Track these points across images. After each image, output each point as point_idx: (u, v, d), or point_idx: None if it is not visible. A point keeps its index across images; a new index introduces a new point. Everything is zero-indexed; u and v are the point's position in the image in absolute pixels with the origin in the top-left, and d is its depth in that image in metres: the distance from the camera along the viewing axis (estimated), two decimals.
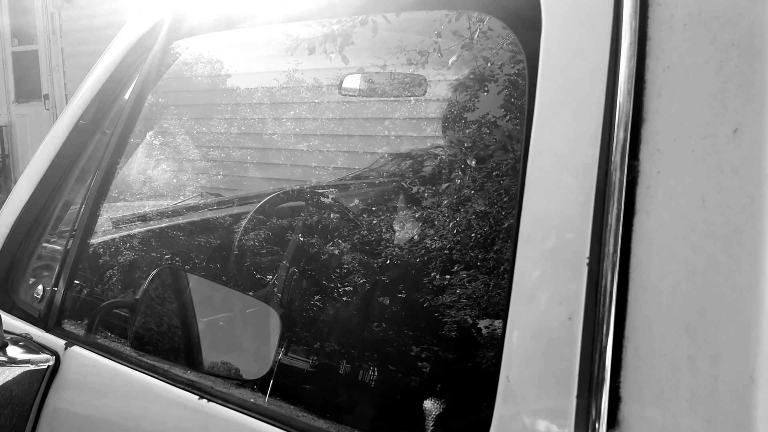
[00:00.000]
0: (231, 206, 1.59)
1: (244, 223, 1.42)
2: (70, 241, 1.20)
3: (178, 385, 0.95)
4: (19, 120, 9.35)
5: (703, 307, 0.59)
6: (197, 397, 0.91)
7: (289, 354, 1.11)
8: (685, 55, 0.64)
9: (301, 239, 1.38)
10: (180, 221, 1.54)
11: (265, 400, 0.90)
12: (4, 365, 1.12)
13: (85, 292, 1.29)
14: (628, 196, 0.64)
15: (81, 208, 1.20)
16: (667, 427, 0.60)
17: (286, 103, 1.48)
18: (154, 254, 1.45)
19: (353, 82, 1.64)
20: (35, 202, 1.27)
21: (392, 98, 1.37)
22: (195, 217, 1.55)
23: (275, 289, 1.36)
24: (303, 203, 1.54)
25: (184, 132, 1.37)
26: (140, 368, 1.01)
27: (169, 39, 1.17)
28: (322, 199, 1.43)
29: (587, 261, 0.64)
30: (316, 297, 1.24)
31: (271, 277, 1.39)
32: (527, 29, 0.74)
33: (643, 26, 0.66)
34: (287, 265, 1.39)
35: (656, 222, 0.63)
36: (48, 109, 8.73)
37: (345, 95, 1.68)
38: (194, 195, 1.52)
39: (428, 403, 0.79)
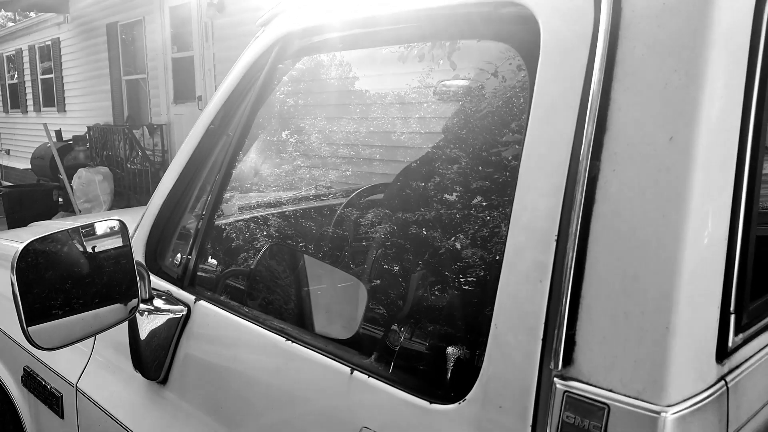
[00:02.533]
0: (326, 198, 1.88)
1: (338, 211, 1.70)
2: (201, 222, 1.53)
3: (272, 330, 1.23)
4: (177, 119, 10.38)
5: (637, 275, 0.77)
6: (285, 339, 1.19)
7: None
8: (641, 78, 0.81)
9: (385, 227, 1.63)
10: (284, 208, 1.87)
11: (332, 346, 1.16)
12: (152, 313, 1.47)
13: (211, 260, 1.62)
14: (590, 188, 0.82)
15: (209, 195, 1.53)
16: (606, 365, 0.78)
17: (378, 107, 1.72)
18: (264, 233, 1.76)
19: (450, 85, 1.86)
20: (177, 189, 1.61)
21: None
22: (298, 205, 1.87)
23: (363, 266, 1.62)
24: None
25: (288, 135, 1.66)
26: (247, 318, 1.31)
27: (278, 59, 1.45)
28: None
29: (556, 237, 0.83)
30: (393, 273, 1.48)
31: (360, 255, 1.66)
32: (531, 57, 0.94)
33: (612, 55, 0.84)
34: (374, 246, 1.65)
35: (610, 208, 0.80)
36: (201, 110, 9.59)
37: (439, 99, 1.90)
38: (296, 187, 1.83)
39: (444, 344, 1.01)
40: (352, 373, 1.05)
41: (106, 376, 1.65)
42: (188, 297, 1.44)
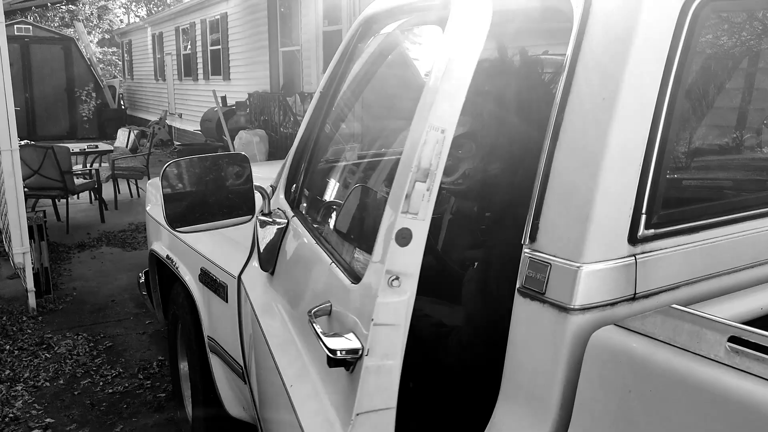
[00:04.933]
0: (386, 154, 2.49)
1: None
2: (304, 163, 2.12)
3: (316, 240, 1.79)
4: None
5: (574, 184, 1.22)
6: (315, 242, 1.74)
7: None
8: (593, 59, 1.24)
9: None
10: (367, 159, 2.47)
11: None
12: (266, 224, 2.07)
13: (307, 191, 2.21)
14: (556, 130, 1.27)
15: (312, 143, 2.12)
16: (552, 240, 1.23)
17: None
18: (352, 175, 2.34)
19: None
20: (302, 140, 2.20)
21: None
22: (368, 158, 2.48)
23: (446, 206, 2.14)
24: None
25: (362, 98, 2.22)
26: (308, 229, 1.88)
27: (359, 39, 1.99)
28: None
29: (544, 165, 1.29)
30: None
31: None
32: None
33: (578, 45, 1.27)
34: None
35: (565, 144, 1.25)
36: None
37: None
38: (367, 142, 2.43)
39: None
40: None
41: (254, 270, 2.31)
42: (291, 214, 2.05)
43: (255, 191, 1.92)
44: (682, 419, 1.02)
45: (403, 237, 1.29)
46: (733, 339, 1.00)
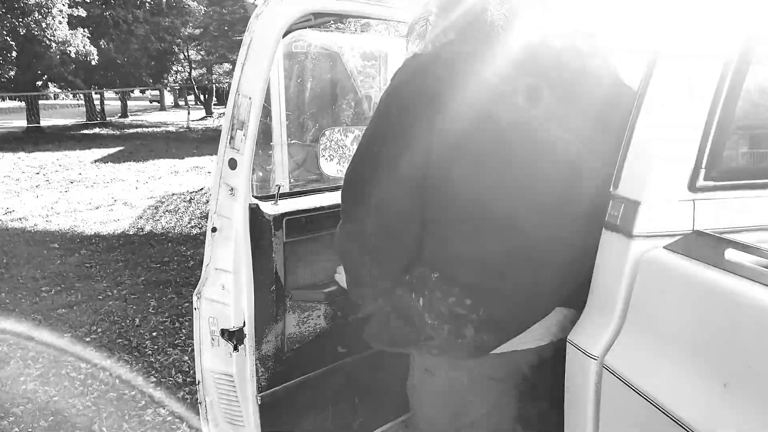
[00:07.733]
0: None
1: None
2: None
3: None
4: None
5: (640, 148, 1.60)
6: None
7: None
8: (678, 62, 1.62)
9: None
10: None
11: None
12: None
13: None
14: (634, 116, 1.66)
15: None
16: (628, 185, 1.63)
17: None
18: None
19: None
20: None
21: None
22: None
23: None
24: None
25: None
26: None
27: None
28: None
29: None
30: None
31: None
32: None
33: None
34: None
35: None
36: None
37: None
38: None
39: None
40: None
41: None
42: None
43: None
44: (695, 307, 1.40)
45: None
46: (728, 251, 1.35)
